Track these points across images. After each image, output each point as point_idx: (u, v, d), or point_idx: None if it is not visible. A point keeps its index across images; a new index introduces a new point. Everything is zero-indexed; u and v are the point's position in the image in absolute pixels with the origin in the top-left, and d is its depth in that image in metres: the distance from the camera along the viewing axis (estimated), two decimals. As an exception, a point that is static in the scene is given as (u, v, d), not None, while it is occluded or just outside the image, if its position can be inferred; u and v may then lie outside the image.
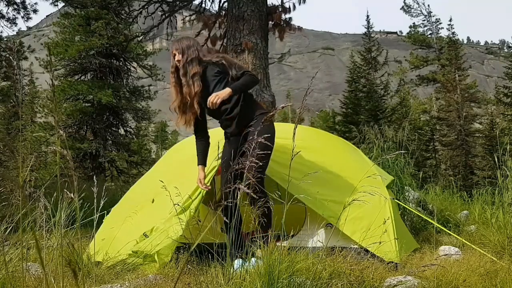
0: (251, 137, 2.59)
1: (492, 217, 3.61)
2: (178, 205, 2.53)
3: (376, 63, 16.82)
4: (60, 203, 2.34)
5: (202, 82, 2.78)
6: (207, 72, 2.82)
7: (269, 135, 2.37)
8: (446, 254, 2.93)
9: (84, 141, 13.10)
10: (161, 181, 2.36)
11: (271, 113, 2.34)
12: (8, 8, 10.24)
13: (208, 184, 2.91)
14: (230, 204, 2.18)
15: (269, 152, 2.59)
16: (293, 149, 2.05)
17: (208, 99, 2.64)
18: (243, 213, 2.56)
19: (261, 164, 2.49)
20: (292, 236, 2.89)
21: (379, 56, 17.03)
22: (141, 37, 9.49)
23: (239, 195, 2.06)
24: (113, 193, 6.63)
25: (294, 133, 2.07)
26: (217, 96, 2.62)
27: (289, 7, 7.86)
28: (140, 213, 3.03)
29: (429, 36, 22.21)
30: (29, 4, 10.51)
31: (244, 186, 2.00)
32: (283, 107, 2.44)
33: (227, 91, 2.65)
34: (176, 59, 2.84)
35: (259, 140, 2.09)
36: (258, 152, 2.26)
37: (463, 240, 3.09)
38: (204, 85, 2.78)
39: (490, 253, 2.78)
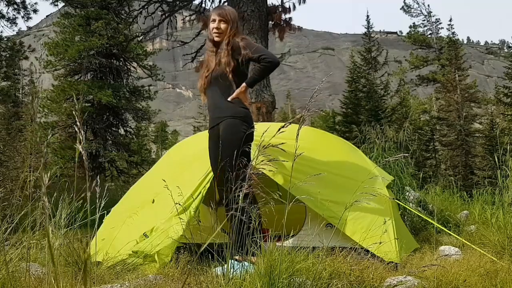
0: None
1: (492, 217, 3.61)
2: (180, 204, 2.53)
3: (376, 63, 16.83)
4: (61, 203, 2.34)
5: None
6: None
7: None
8: (446, 254, 2.93)
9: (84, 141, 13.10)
10: (164, 180, 2.35)
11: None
12: (8, 8, 10.23)
13: (208, 185, 2.91)
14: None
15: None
16: (295, 150, 2.05)
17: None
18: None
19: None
20: (292, 236, 2.89)
21: (379, 56, 17.03)
22: (141, 37, 9.50)
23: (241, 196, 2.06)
24: (113, 193, 6.62)
25: (298, 134, 2.07)
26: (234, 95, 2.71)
27: (289, 7, 7.88)
28: (140, 213, 3.03)
29: (429, 36, 22.21)
30: (29, 4, 10.50)
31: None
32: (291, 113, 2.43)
33: (242, 88, 2.71)
34: (216, 25, 2.81)
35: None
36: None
37: (463, 240, 3.08)
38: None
39: (490, 253, 2.78)
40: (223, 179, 2.45)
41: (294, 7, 8.02)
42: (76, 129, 1.29)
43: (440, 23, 22.22)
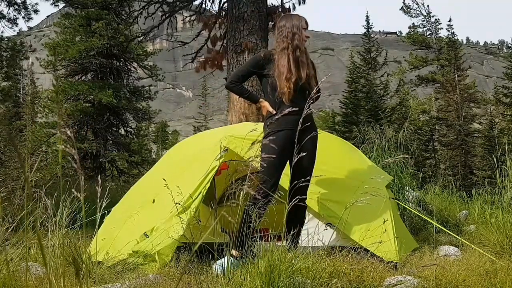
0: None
1: (492, 217, 3.61)
2: (179, 204, 2.53)
3: (375, 64, 16.82)
4: (62, 202, 2.35)
5: None
6: None
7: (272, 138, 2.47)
8: (445, 254, 2.94)
9: (84, 141, 13.12)
10: (164, 179, 2.36)
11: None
12: (9, 8, 10.23)
13: (208, 185, 2.92)
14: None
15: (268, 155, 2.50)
16: (295, 150, 2.06)
17: None
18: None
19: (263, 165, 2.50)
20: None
21: (378, 57, 17.02)
22: (141, 38, 9.49)
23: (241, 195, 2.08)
24: (114, 193, 6.62)
25: (297, 134, 2.08)
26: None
27: (289, 7, 7.89)
28: (140, 213, 3.04)
29: (428, 36, 22.17)
30: (30, 4, 10.49)
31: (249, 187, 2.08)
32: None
33: None
34: (307, 35, 2.75)
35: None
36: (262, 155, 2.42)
37: (463, 240, 3.09)
38: None
39: (489, 253, 2.79)
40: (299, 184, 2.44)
41: (294, 7, 8.04)
42: (69, 132, 1.27)
43: (440, 24, 22.14)
